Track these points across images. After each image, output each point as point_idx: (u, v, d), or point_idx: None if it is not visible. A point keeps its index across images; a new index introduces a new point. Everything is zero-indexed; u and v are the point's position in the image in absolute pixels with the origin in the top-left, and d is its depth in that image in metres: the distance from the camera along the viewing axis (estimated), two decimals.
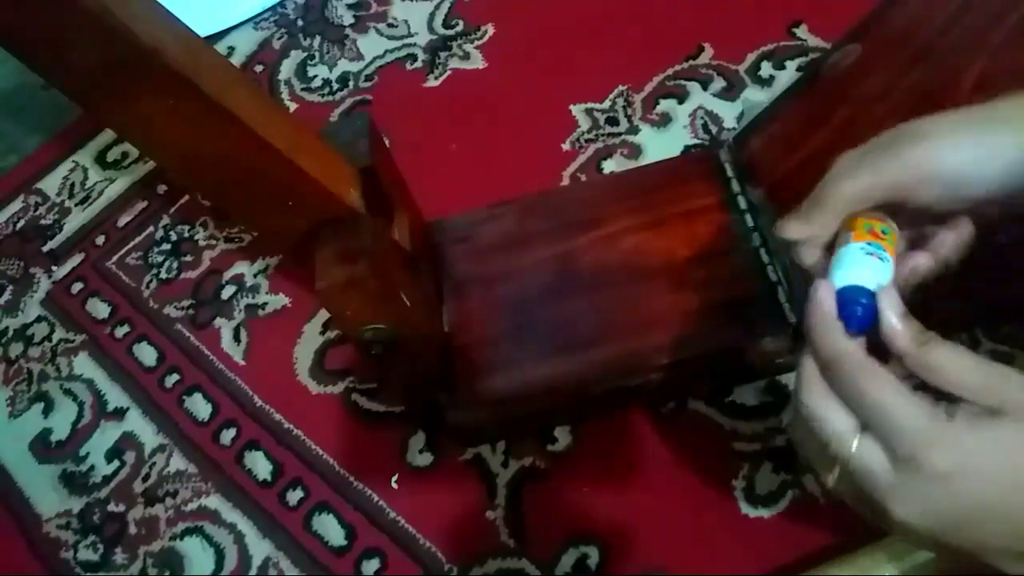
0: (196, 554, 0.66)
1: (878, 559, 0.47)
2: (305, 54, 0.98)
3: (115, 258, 0.87)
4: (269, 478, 0.67)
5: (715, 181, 0.65)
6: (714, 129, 0.76)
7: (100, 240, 0.89)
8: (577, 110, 0.82)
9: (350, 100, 0.92)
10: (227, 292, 0.80)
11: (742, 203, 0.64)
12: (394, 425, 0.67)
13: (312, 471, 0.67)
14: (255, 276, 0.80)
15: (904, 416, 0.30)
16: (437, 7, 0.97)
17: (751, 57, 0.80)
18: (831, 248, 0.36)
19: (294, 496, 0.66)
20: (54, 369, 0.81)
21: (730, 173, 0.66)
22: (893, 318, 0.32)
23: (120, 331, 0.81)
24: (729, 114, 0.77)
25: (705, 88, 0.79)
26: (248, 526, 0.66)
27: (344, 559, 0.62)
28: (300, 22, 1.02)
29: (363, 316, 0.48)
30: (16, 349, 0.84)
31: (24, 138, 1.03)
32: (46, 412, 0.78)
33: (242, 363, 0.75)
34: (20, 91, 1.08)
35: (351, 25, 0.99)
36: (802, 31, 0.80)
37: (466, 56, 0.91)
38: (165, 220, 0.88)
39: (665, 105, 0.79)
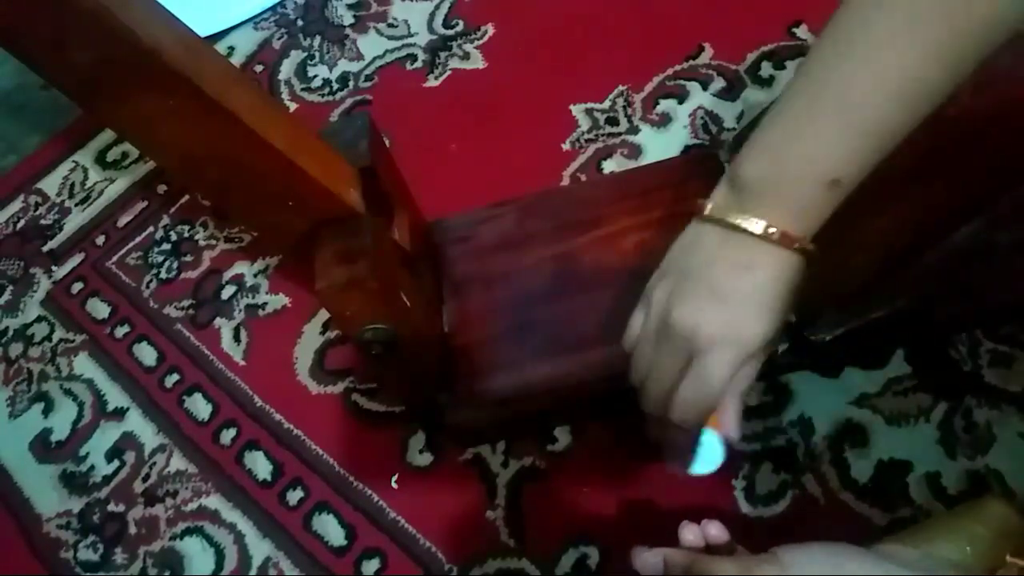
0: (196, 554, 0.66)
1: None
2: (305, 54, 0.98)
3: (115, 258, 0.87)
4: (269, 478, 0.67)
5: (715, 181, 0.65)
6: (714, 129, 0.76)
7: (100, 240, 0.89)
8: (577, 110, 0.82)
9: (350, 100, 0.92)
10: (227, 292, 0.80)
11: None
12: (394, 425, 0.67)
13: (312, 471, 0.67)
14: (255, 276, 0.80)
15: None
16: (437, 7, 0.97)
17: (751, 57, 0.80)
18: None
19: (294, 496, 0.66)
20: (54, 369, 0.81)
21: None
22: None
23: (120, 331, 0.81)
24: (729, 114, 0.77)
25: (705, 88, 0.79)
26: (248, 526, 0.66)
27: (344, 559, 0.62)
28: (300, 22, 1.02)
29: (363, 316, 0.48)
30: (16, 349, 0.84)
31: (24, 138, 1.03)
32: (46, 412, 0.78)
33: (242, 363, 0.75)
34: (20, 91, 1.08)
35: (351, 25, 0.99)
36: (802, 31, 0.80)
37: (466, 56, 0.91)
38: (165, 220, 0.88)
39: (665, 105, 0.79)
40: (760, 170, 0.37)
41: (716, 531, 0.42)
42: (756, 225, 0.37)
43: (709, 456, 0.42)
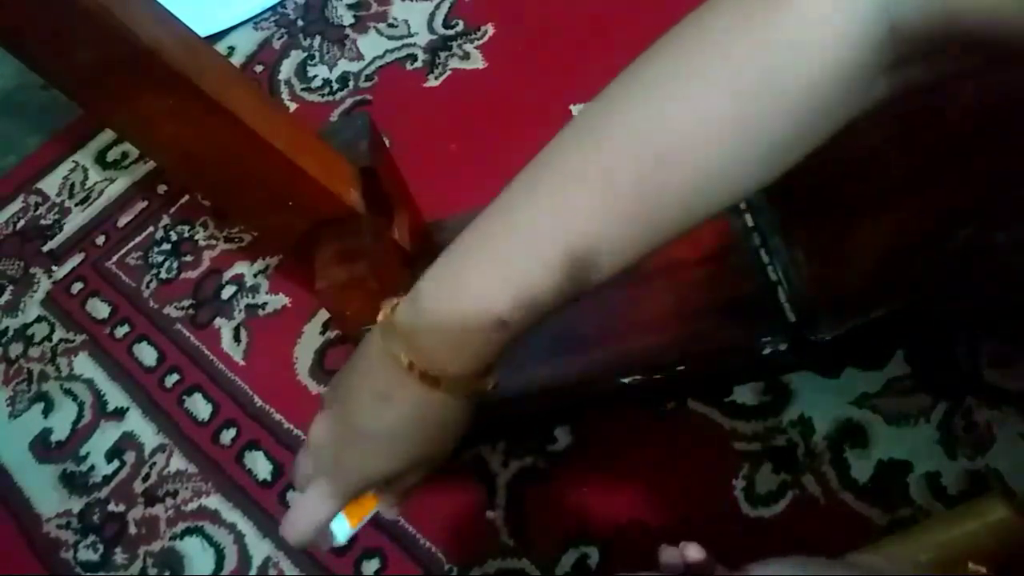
0: (196, 554, 0.66)
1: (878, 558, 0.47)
2: (305, 54, 0.98)
3: (115, 258, 0.87)
4: (269, 478, 0.67)
5: None
6: None
7: (100, 240, 0.89)
8: (577, 110, 0.82)
9: (350, 100, 0.91)
10: (227, 292, 0.80)
11: (742, 203, 0.63)
12: None
13: None
14: (255, 276, 0.80)
15: None
16: (437, 7, 0.97)
17: None
18: None
19: (294, 496, 0.66)
20: (54, 369, 0.81)
21: None
22: None
23: (120, 331, 0.81)
24: None
25: None
26: (248, 526, 0.66)
27: (344, 559, 0.62)
28: (300, 22, 1.02)
29: (363, 316, 0.48)
30: (16, 349, 0.84)
31: (24, 138, 1.03)
32: (46, 412, 0.78)
33: (242, 363, 0.75)
34: (20, 91, 1.08)
35: (351, 25, 0.99)
36: None
37: (466, 56, 0.91)
38: (165, 220, 0.88)
39: None
40: (432, 298, 0.34)
41: (695, 553, 0.42)
42: (404, 357, 0.34)
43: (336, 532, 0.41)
